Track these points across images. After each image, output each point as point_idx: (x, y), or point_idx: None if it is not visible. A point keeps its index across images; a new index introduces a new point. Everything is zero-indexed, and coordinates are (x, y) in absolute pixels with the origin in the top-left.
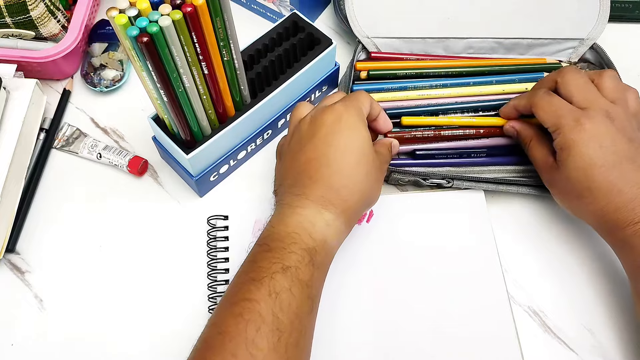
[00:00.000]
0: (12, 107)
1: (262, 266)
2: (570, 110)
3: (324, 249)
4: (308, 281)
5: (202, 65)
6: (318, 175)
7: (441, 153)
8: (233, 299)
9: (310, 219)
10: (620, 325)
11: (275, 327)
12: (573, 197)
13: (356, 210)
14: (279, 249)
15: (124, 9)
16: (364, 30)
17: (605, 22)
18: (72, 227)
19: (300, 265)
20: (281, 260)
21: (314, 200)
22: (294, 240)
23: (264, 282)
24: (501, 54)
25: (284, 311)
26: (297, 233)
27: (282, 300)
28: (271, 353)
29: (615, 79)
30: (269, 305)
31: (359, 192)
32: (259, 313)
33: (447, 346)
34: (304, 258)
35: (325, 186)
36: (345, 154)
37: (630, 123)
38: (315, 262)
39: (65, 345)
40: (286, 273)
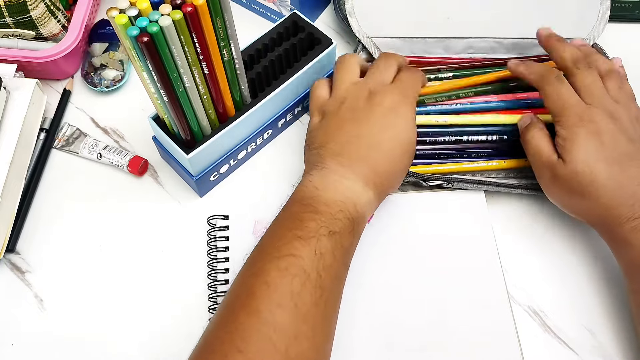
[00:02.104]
0: (12, 107)
1: (309, 226)
2: (576, 104)
3: (362, 221)
4: (348, 248)
5: (202, 65)
6: (368, 155)
7: (442, 153)
8: (278, 253)
9: (357, 193)
10: (620, 325)
11: (318, 284)
12: (576, 194)
13: (387, 194)
14: (326, 213)
15: (124, 8)
16: (364, 30)
17: (606, 22)
18: (72, 227)
19: (344, 232)
20: (328, 224)
21: (360, 175)
22: (341, 209)
23: (311, 242)
24: (501, 54)
25: (326, 271)
26: (344, 202)
27: (326, 261)
28: (313, 307)
29: (620, 81)
30: (314, 263)
31: (394, 181)
32: (304, 269)
33: (447, 346)
34: (348, 227)
35: (372, 168)
36: (395, 145)
37: (633, 125)
38: (356, 232)
39: (66, 345)
40: (332, 237)
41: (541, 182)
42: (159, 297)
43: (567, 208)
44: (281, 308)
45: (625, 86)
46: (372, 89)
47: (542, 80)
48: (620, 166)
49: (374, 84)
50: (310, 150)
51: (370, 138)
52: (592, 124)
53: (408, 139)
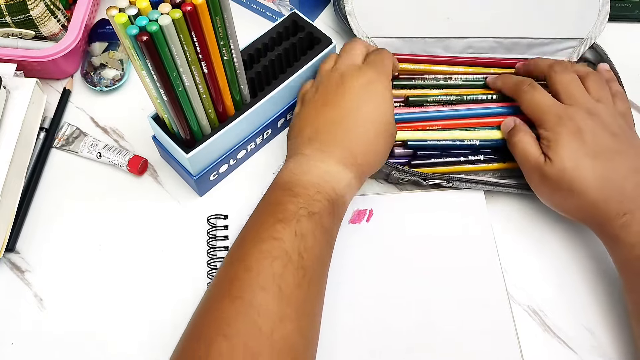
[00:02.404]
0: (12, 106)
1: (288, 209)
2: (553, 106)
3: (343, 204)
4: (329, 229)
5: (202, 64)
6: (342, 136)
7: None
8: (259, 237)
9: (334, 175)
10: (620, 324)
11: (300, 265)
12: (564, 191)
13: (369, 175)
14: (304, 195)
15: (124, 8)
16: (364, 30)
17: (605, 21)
18: (72, 226)
19: (323, 213)
20: (307, 206)
21: (337, 159)
22: (318, 190)
23: (291, 224)
24: (501, 54)
25: (307, 252)
26: (321, 184)
27: (307, 242)
28: (297, 289)
29: (600, 80)
30: (294, 245)
31: (374, 161)
32: (285, 251)
33: (447, 345)
34: (327, 207)
35: (348, 150)
36: (370, 123)
37: (615, 120)
38: (336, 213)
39: (65, 344)
40: (311, 218)
41: (531, 183)
42: (159, 297)
43: (559, 208)
44: (264, 291)
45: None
46: (343, 72)
47: (517, 90)
48: (606, 161)
49: (345, 67)
50: (290, 139)
51: (344, 121)
52: (571, 122)
53: (384, 119)
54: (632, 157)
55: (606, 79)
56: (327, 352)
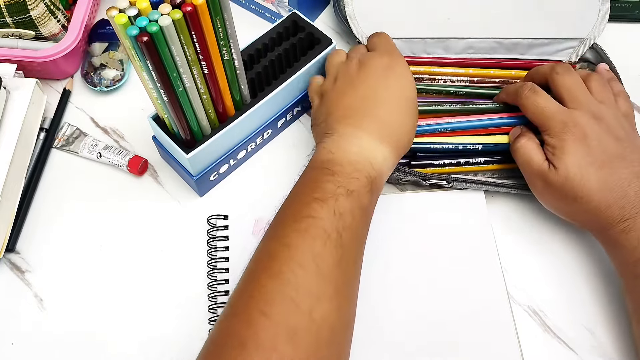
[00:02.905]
0: (12, 106)
1: (326, 188)
2: (557, 112)
3: (380, 180)
4: (367, 207)
5: (202, 64)
6: (374, 112)
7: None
8: (297, 216)
9: (370, 150)
10: (620, 324)
11: (339, 244)
12: (568, 199)
13: (403, 151)
14: (342, 173)
15: (124, 8)
16: (364, 30)
17: (605, 21)
18: (72, 226)
19: (362, 191)
20: (345, 184)
21: (370, 133)
22: (356, 168)
23: (329, 202)
24: (501, 54)
25: (346, 231)
26: (359, 161)
27: (345, 220)
28: (335, 267)
29: (602, 81)
30: (333, 223)
31: (407, 134)
32: (324, 229)
33: (447, 345)
34: (366, 186)
35: (382, 122)
36: (398, 98)
37: (619, 123)
38: (374, 191)
39: (65, 345)
40: (349, 197)
41: (534, 190)
42: (159, 297)
43: (561, 212)
44: (303, 269)
45: (614, 86)
46: (360, 59)
47: (518, 96)
48: (610, 168)
49: (359, 56)
50: (317, 125)
51: (375, 97)
52: (577, 128)
53: (410, 95)
54: (635, 162)
55: (607, 79)
56: None
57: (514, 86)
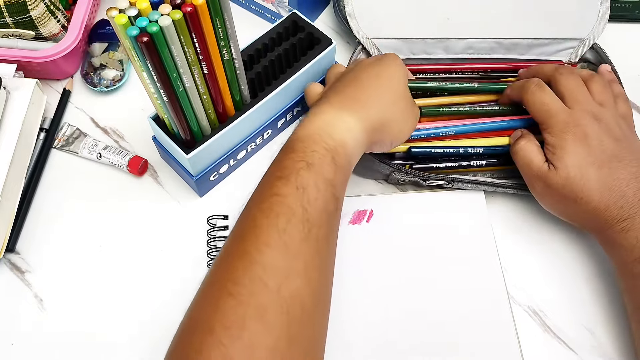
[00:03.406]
0: (12, 107)
1: (286, 165)
2: (560, 111)
3: (344, 151)
4: (332, 179)
5: (202, 65)
6: (343, 89)
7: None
8: (263, 196)
9: (330, 122)
10: (620, 324)
11: (305, 218)
12: (569, 200)
13: (377, 126)
14: (301, 149)
15: (124, 8)
16: (364, 31)
17: (606, 22)
18: (72, 226)
19: (322, 163)
20: (304, 158)
21: (334, 105)
22: (315, 141)
23: (290, 179)
24: (501, 54)
25: (311, 204)
26: (318, 134)
27: (309, 194)
28: (303, 243)
29: (603, 82)
30: (297, 198)
31: (380, 109)
32: (289, 206)
33: (447, 346)
34: (326, 156)
35: (348, 97)
36: (376, 78)
37: (618, 124)
38: (337, 162)
39: (65, 345)
40: (310, 169)
41: (534, 192)
42: (159, 297)
43: (561, 215)
44: (269, 247)
45: (614, 88)
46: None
47: (524, 91)
48: (609, 169)
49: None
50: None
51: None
52: (578, 129)
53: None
54: (633, 163)
55: (608, 80)
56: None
57: (520, 81)
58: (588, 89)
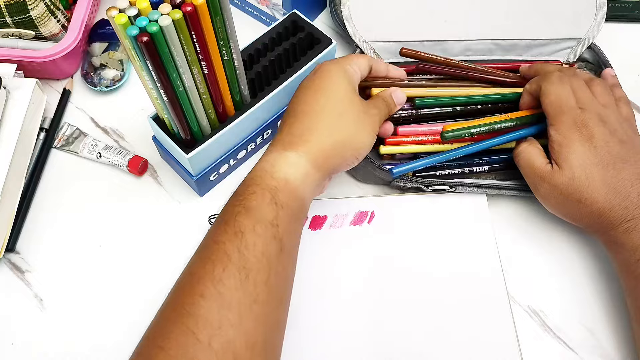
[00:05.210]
0: (12, 106)
1: (227, 210)
2: (572, 109)
3: (288, 188)
4: (272, 220)
5: (202, 64)
6: (287, 125)
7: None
8: (204, 243)
9: (273, 162)
10: (620, 324)
11: (241, 265)
12: (573, 200)
13: (327, 153)
14: (242, 192)
15: (124, 8)
16: (361, 34)
17: (602, 21)
18: (72, 226)
19: (261, 205)
20: (243, 201)
21: (277, 144)
22: (255, 182)
23: (229, 224)
24: (499, 56)
25: (249, 249)
26: (260, 176)
27: (247, 239)
28: (238, 291)
29: (605, 85)
30: (234, 244)
31: (327, 134)
32: (225, 252)
33: (447, 346)
34: (265, 197)
35: (292, 134)
36: (313, 102)
37: (622, 126)
38: (279, 202)
39: (65, 345)
40: (249, 213)
41: (537, 193)
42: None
43: (565, 215)
44: (203, 298)
45: (616, 91)
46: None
47: (544, 80)
48: (614, 169)
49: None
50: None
51: (292, 109)
52: (585, 129)
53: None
54: (638, 164)
55: (611, 84)
56: (327, 352)
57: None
58: (591, 90)
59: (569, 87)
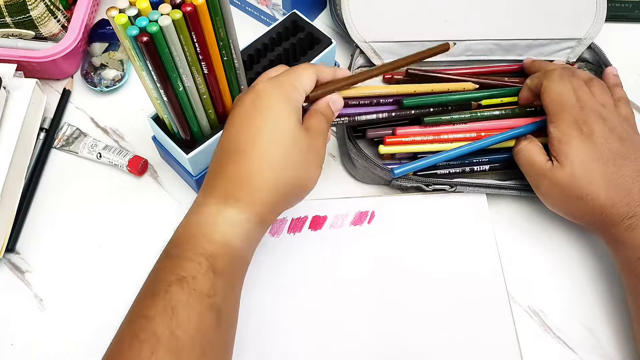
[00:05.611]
0: (12, 107)
1: (159, 277)
2: (572, 106)
3: (227, 252)
4: (208, 291)
5: (202, 65)
6: (224, 166)
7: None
8: (131, 315)
9: (210, 219)
10: (620, 324)
11: (172, 346)
12: (574, 197)
13: (273, 204)
14: (176, 256)
15: (124, 8)
16: (361, 34)
17: (603, 21)
18: (72, 226)
19: (197, 274)
20: (178, 269)
21: (217, 195)
22: (191, 247)
23: (160, 296)
24: (499, 56)
25: (182, 328)
26: (195, 238)
27: (180, 315)
28: None
29: (602, 85)
30: (165, 322)
31: (273, 181)
32: (154, 332)
33: (447, 346)
34: (201, 265)
35: (229, 178)
36: (255, 140)
37: (621, 125)
38: (217, 269)
39: (65, 345)
40: (182, 284)
41: (539, 191)
42: None
43: (566, 213)
44: None
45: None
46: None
47: (545, 77)
48: (614, 166)
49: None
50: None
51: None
52: (585, 126)
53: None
54: (638, 160)
55: (613, 84)
56: (327, 352)
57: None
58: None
59: (570, 86)
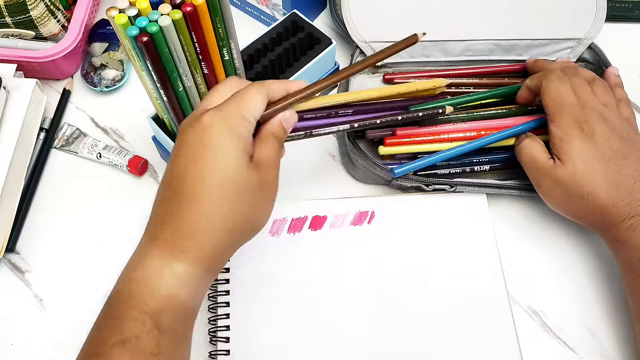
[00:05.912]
0: (12, 107)
1: (100, 338)
2: (572, 105)
3: (172, 305)
4: (152, 349)
5: (202, 65)
6: (170, 214)
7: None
8: None
9: (154, 272)
10: (620, 324)
11: None
12: (576, 196)
13: (222, 253)
14: (119, 315)
15: (124, 8)
16: (361, 34)
17: (603, 21)
18: (72, 226)
19: (141, 334)
20: (120, 330)
21: (162, 247)
22: (135, 303)
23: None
24: (499, 56)
25: None
26: (138, 294)
27: None
28: None
29: (604, 85)
30: None
31: (222, 229)
32: None
33: (447, 346)
34: (145, 324)
35: (175, 229)
36: (202, 183)
37: (622, 124)
38: (161, 326)
39: (65, 345)
40: (125, 346)
41: (540, 190)
42: None
43: (567, 212)
44: None
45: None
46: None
47: (544, 78)
48: (616, 165)
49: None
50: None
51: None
52: (586, 125)
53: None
54: (639, 161)
55: (614, 84)
56: (327, 352)
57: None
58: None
59: (569, 86)
